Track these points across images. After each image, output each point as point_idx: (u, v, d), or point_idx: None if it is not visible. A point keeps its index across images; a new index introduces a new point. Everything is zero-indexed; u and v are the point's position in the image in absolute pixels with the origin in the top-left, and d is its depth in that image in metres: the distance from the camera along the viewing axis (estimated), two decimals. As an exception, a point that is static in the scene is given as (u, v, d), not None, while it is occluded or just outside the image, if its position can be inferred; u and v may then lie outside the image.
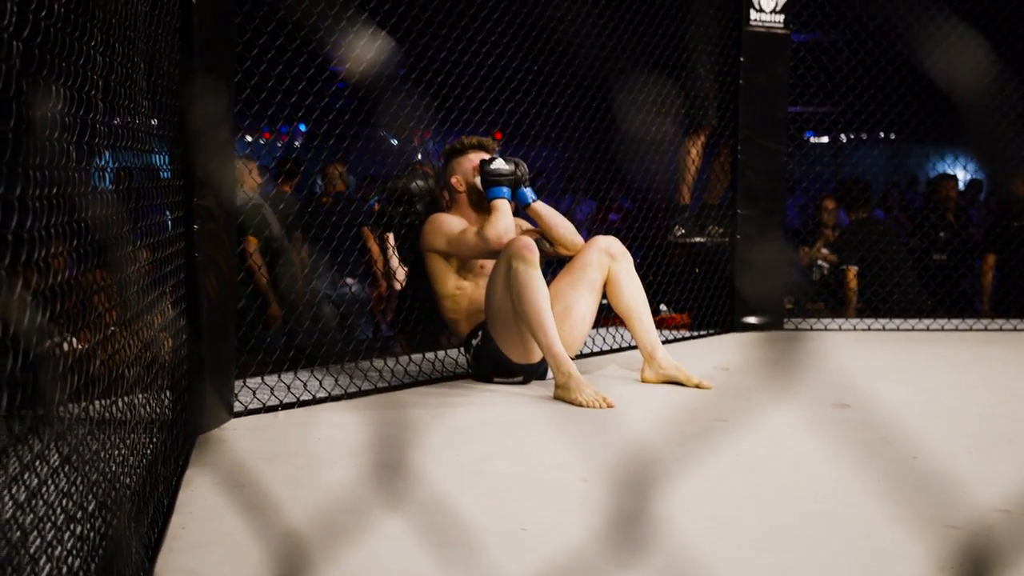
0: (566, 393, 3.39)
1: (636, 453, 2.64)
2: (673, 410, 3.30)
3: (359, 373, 3.73)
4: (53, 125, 1.37)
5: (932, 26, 5.51)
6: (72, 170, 1.52)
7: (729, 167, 5.40)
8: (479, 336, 3.73)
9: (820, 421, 3.08)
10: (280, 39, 3.24)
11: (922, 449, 2.70)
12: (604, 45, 4.91)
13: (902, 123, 5.99)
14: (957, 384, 3.95)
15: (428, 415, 3.24)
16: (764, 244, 5.37)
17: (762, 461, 2.62)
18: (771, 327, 5.42)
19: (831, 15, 5.60)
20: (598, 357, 4.45)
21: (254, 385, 3.34)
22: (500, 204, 3.71)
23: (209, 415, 2.91)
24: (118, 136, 1.91)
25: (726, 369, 4.11)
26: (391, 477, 2.44)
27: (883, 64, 5.86)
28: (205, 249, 2.86)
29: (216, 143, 2.89)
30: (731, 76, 5.29)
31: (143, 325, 2.08)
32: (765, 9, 5.26)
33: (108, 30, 1.82)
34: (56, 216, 1.36)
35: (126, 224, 1.87)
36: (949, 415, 3.27)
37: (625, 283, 3.81)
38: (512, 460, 2.64)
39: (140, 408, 2.08)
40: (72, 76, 1.52)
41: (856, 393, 3.53)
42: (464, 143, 3.94)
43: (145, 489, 1.95)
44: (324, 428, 3.03)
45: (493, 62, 4.37)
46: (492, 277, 3.60)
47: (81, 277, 1.60)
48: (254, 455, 2.69)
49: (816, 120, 6.38)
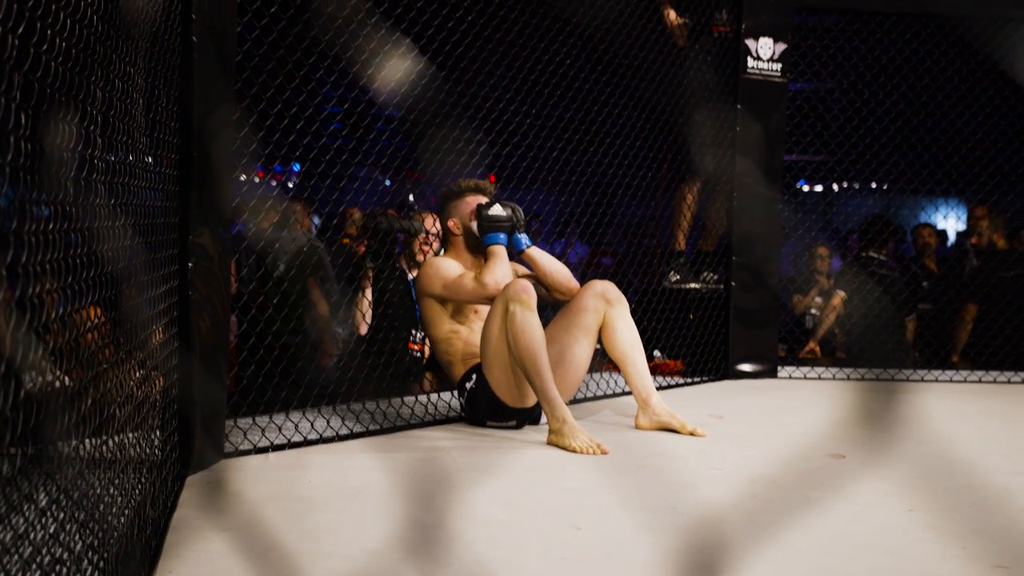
0: (560, 439, 3.36)
1: (629, 503, 2.61)
2: (667, 458, 3.27)
3: (351, 415, 3.69)
4: (53, 160, 1.35)
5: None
6: (70, 205, 1.50)
7: (725, 214, 5.40)
8: (473, 379, 3.70)
9: (817, 471, 3.05)
10: (279, 78, 3.24)
11: (918, 501, 2.67)
12: (602, 90, 4.93)
13: (897, 173, 6.01)
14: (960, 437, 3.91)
15: (420, 459, 3.20)
16: (759, 291, 5.36)
17: (757, 512, 2.59)
18: (765, 375, 5.40)
19: (828, 64, 5.63)
20: (592, 402, 4.42)
21: (245, 426, 3.30)
22: (497, 250, 3.71)
23: (199, 456, 2.87)
24: (115, 172, 1.89)
25: (720, 417, 4.08)
26: (382, 523, 2.41)
27: (878, 114, 5.89)
28: (200, 287, 2.83)
29: (213, 180, 2.88)
30: (728, 123, 5.30)
31: (134, 363, 2.05)
32: (762, 57, 5.29)
33: (108, 66, 1.81)
34: (51, 252, 1.34)
35: (121, 260, 1.85)
36: (953, 468, 3.25)
37: (620, 328, 3.79)
38: (505, 506, 2.60)
39: (129, 448, 2.04)
40: (72, 111, 1.51)
41: (854, 443, 3.51)
42: (461, 186, 3.93)
43: (133, 531, 1.91)
44: (316, 470, 2.99)
45: (491, 105, 4.38)
46: (488, 319, 3.58)
47: (74, 314, 1.58)
48: (244, 497, 2.65)
49: (811, 169, 6.39)
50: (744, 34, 5.28)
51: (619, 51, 4.89)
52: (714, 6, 5.33)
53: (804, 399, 4.74)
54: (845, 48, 5.72)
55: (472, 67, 4.24)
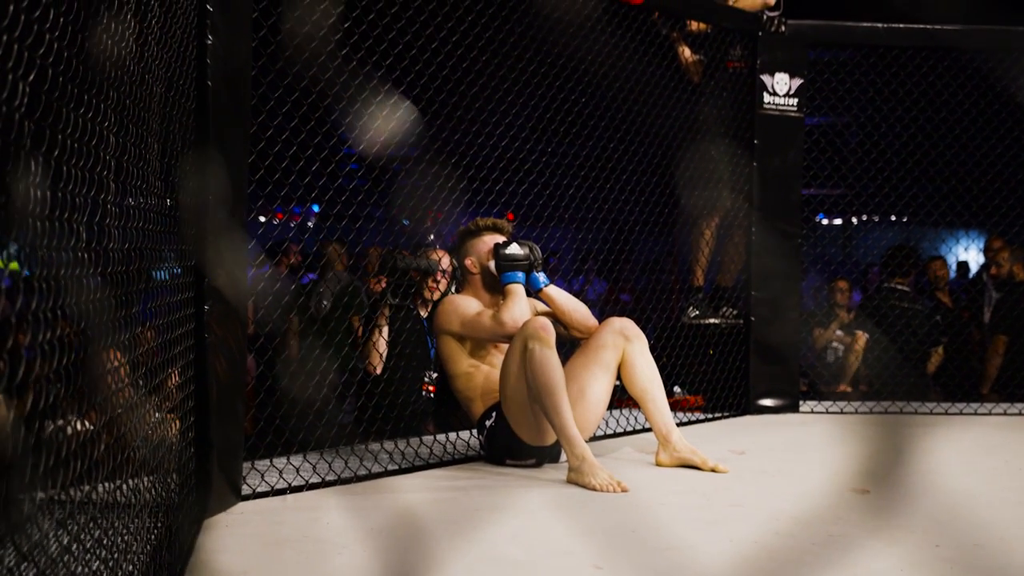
0: (579, 477, 3.33)
1: (649, 541, 2.58)
2: (688, 495, 3.24)
3: (369, 455, 3.68)
4: (58, 204, 1.36)
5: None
6: (82, 251, 1.51)
7: (743, 248, 5.38)
8: (492, 417, 3.69)
9: (840, 507, 3.02)
10: (295, 121, 3.26)
11: (944, 537, 2.64)
12: (618, 127, 4.93)
13: (916, 205, 5.98)
14: (985, 470, 3.86)
15: (438, 499, 3.18)
16: (779, 326, 5.33)
17: (781, 548, 2.56)
18: (786, 410, 5.36)
19: (844, 98, 5.63)
20: (612, 440, 4.39)
21: (262, 468, 3.29)
22: (515, 288, 3.70)
23: (216, 498, 2.86)
24: (130, 217, 1.90)
25: (741, 452, 4.05)
26: (402, 566, 2.39)
27: (896, 147, 5.87)
28: (215, 330, 2.84)
29: (228, 223, 2.89)
30: (745, 158, 5.30)
31: (149, 407, 2.05)
32: (779, 93, 5.30)
33: (122, 111, 1.82)
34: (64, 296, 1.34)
35: (135, 305, 1.86)
36: (978, 502, 3.20)
37: (640, 364, 3.77)
38: (524, 546, 2.58)
39: (145, 492, 2.04)
40: (85, 156, 1.52)
41: (878, 478, 3.47)
42: (479, 224, 3.93)
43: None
44: (334, 512, 2.97)
45: (507, 143, 4.39)
46: (507, 357, 3.57)
47: (88, 357, 1.58)
48: (262, 540, 2.63)
49: (829, 202, 6.37)
50: (760, 69, 5.29)
51: (634, 88, 4.91)
52: (728, 43, 5.34)
53: (826, 433, 4.70)
54: (861, 82, 5.71)
55: (487, 107, 4.26)
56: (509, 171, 4.38)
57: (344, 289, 5.23)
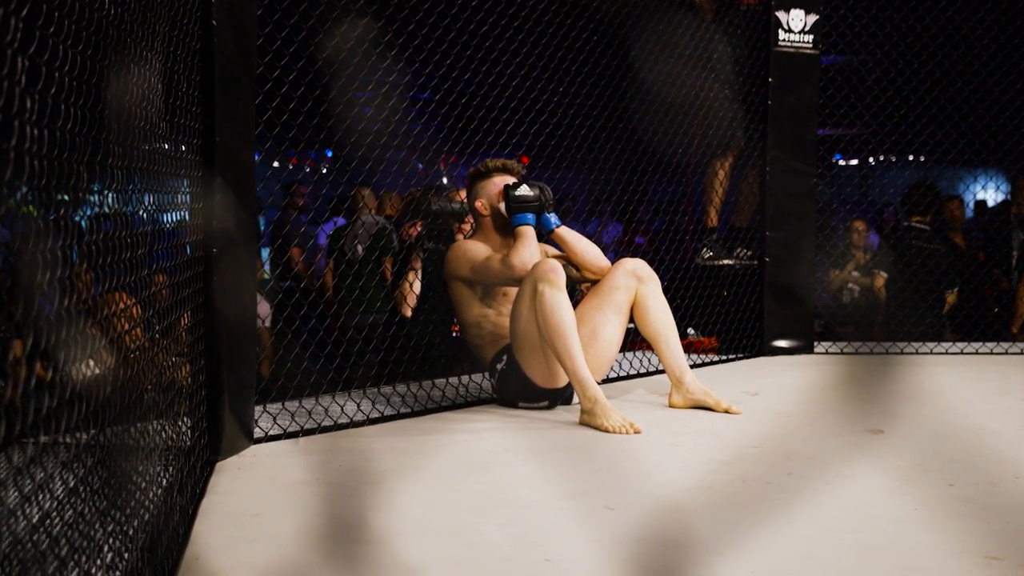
0: (592, 418, 3.33)
1: (663, 482, 2.57)
2: (701, 436, 3.23)
3: (381, 398, 3.68)
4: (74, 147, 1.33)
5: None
6: (85, 192, 1.49)
7: (757, 189, 5.33)
8: (504, 360, 3.68)
9: (854, 447, 3.01)
10: (302, 61, 3.21)
11: (958, 476, 2.62)
12: (631, 66, 4.87)
13: (934, 144, 5.89)
14: (1001, 409, 3.84)
15: (451, 441, 3.18)
16: (794, 267, 5.29)
17: (794, 488, 2.55)
18: (801, 351, 5.34)
19: (861, 35, 5.53)
20: (625, 381, 4.38)
21: (274, 411, 3.29)
22: (525, 231, 3.66)
23: (228, 441, 2.86)
24: (136, 159, 1.88)
25: (755, 394, 4.03)
26: (411, 506, 2.39)
27: (914, 84, 5.78)
28: (224, 273, 2.82)
29: (237, 165, 2.86)
30: (759, 97, 5.23)
31: (160, 349, 2.04)
32: (794, 29, 5.21)
33: (125, 51, 1.79)
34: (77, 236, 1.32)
35: (142, 247, 1.84)
36: (995, 441, 3.18)
37: (652, 306, 3.74)
38: (536, 488, 2.58)
39: (156, 434, 2.03)
40: (88, 96, 1.49)
41: (892, 418, 3.45)
42: (489, 166, 3.89)
43: (160, 518, 1.90)
44: (345, 455, 2.97)
45: (518, 84, 4.34)
46: (517, 300, 3.55)
47: (99, 298, 1.57)
48: (273, 482, 2.64)
49: (845, 142, 6.29)
50: (775, 6, 5.19)
51: (647, 27, 4.83)
52: (742, -22, 5.25)
53: (841, 374, 4.68)
54: (879, 18, 5.61)
55: (499, 46, 4.19)
56: (521, 111, 4.33)
57: (379, 233, 5.26)
